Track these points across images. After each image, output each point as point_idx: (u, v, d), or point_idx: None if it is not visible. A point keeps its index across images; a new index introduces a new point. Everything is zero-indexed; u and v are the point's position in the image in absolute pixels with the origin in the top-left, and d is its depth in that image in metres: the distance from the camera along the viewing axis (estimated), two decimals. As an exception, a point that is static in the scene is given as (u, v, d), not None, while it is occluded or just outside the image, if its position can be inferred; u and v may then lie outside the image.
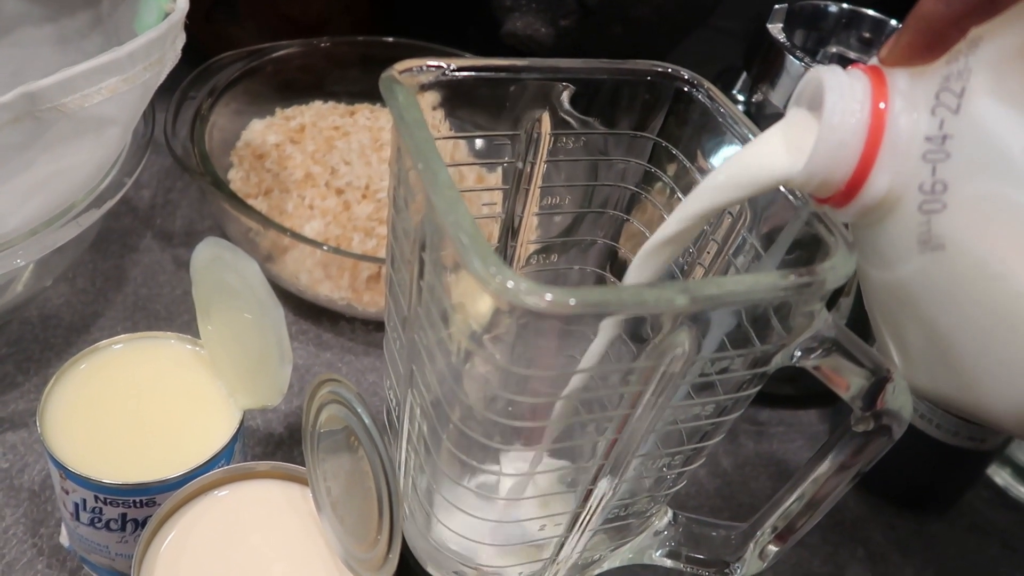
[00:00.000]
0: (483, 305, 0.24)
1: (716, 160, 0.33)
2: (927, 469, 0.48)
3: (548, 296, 0.22)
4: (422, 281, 0.27)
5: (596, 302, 0.23)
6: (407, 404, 0.31)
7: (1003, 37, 0.22)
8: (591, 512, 0.31)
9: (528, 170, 0.34)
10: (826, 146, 0.24)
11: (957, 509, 0.51)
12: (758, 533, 0.33)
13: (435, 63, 0.29)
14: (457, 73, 0.30)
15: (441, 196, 0.25)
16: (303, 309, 0.53)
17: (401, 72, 0.29)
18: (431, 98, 0.30)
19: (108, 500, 0.34)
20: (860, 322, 0.52)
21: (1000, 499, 0.52)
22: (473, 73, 0.31)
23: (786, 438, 0.53)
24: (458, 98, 0.31)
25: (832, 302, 0.50)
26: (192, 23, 0.44)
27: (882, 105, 0.23)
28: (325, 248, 0.48)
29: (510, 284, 0.22)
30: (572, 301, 0.23)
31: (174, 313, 0.51)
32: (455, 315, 0.26)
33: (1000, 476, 0.52)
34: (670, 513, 0.36)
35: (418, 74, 0.29)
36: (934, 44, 0.23)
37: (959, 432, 0.45)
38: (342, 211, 0.53)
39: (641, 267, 0.29)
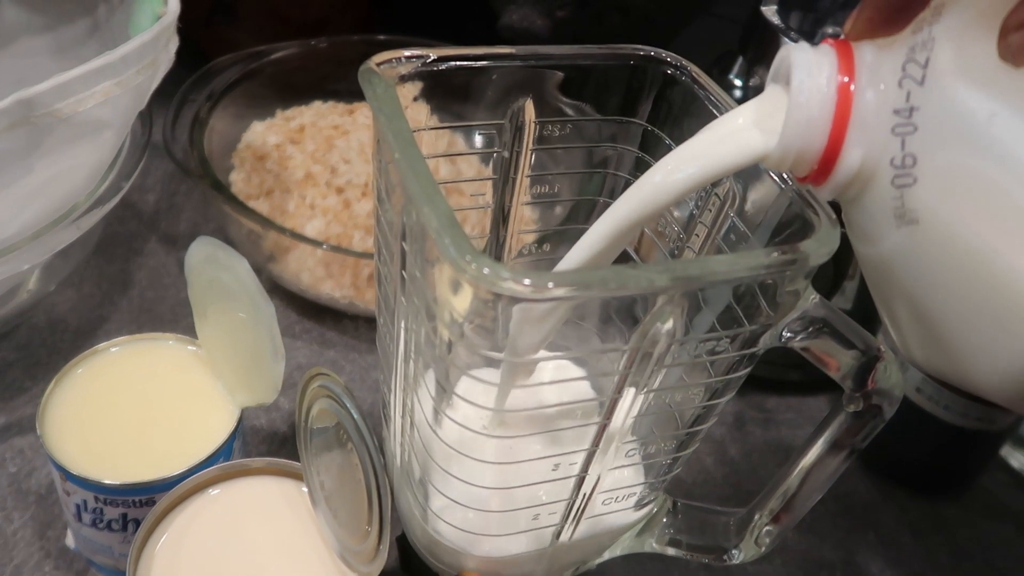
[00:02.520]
0: (463, 294, 0.24)
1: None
2: (937, 451, 0.48)
3: (526, 281, 0.22)
4: (404, 272, 0.27)
5: (576, 284, 0.23)
6: (398, 394, 0.31)
7: (964, 5, 0.22)
8: (585, 500, 0.31)
9: (514, 159, 0.33)
10: (795, 123, 0.24)
11: (971, 492, 0.50)
12: (756, 517, 0.33)
13: (413, 53, 0.29)
14: (438, 63, 0.30)
15: (417, 186, 0.24)
16: (306, 308, 0.54)
17: (379, 64, 0.29)
18: (412, 89, 0.30)
19: (108, 500, 0.34)
20: (865, 306, 0.51)
21: (1015, 481, 0.51)
22: (455, 63, 0.31)
23: (794, 424, 0.52)
24: (442, 88, 0.31)
25: (836, 286, 0.50)
26: (190, 27, 0.44)
27: (846, 79, 0.23)
28: (325, 247, 0.48)
29: (486, 271, 0.22)
30: (551, 284, 0.23)
31: (179, 315, 0.51)
32: (437, 305, 0.26)
33: (1015, 458, 0.51)
34: (670, 501, 0.36)
35: (397, 65, 0.29)
36: (896, 15, 0.23)
37: (968, 413, 0.45)
38: (342, 209, 0.53)
39: (594, 248, 0.28)
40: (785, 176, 0.28)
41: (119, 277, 0.53)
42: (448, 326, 0.26)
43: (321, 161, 0.55)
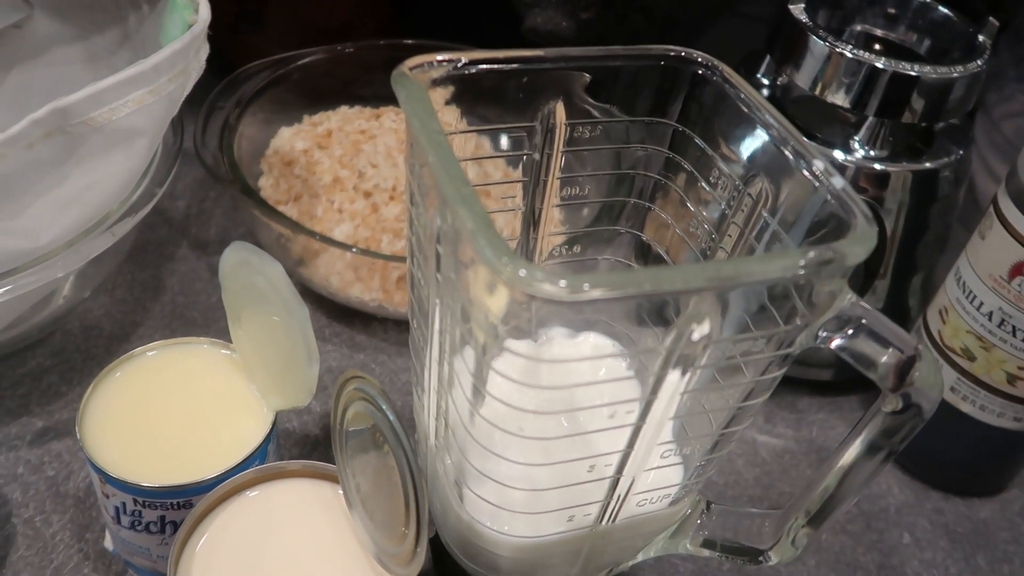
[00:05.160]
0: (498, 296, 0.24)
1: (737, 146, 0.32)
2: (973, 452, 0.47)
3: (562, 282, 0.22)
4: (439, 274, 0.28)
5: (612, 286, 0.23)
6: (432, 396, 0.31)
7: None
8: (620, 501, 0.31)
9: (545, 161, 0.33)
10: None
11: (1008, 493, 0.49)
12: (791, 519, 0.32)
13: (445, 58, 0.29)
14: (469, 67, 0.30)
15: (452, 189, 0.25)
16: (336, 312, 0.54)
17: (412, 68, 0.29)
18: (444, 93, 0.30)
19: (147, 503, 0.35)
20: (897, 305, 0.51)
21: (1053, 481, 0.50)
22: (485, 66, 0.31)
23: (826, 424, 0.52)
24: (472, 92, 0.31)
25: (868, 285, 0.49)
26: (218, 34, 0.44)
27: None
28: (354, 250, 0.49)
29: (522, 272, 0.22)
30: (586, 286, 0.23)
31: (210, 319, 0.52)
32: (471, 308, 0.26)
33: (1052, 458, 0.50)
34: (704, 502, 0.35)
35: (429, 69, 0.29)
36: None
37: (1004, 413, 0.44)
38: (371, 213, 0.53)
39: None
40: (818, 173, 0.28)
41: (151, 283, 0.54)
42: (483, 327, 0.26)
43: (348, 166, 0.55)
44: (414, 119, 0.27)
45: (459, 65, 0.30)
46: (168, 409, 0.37)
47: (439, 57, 0.29)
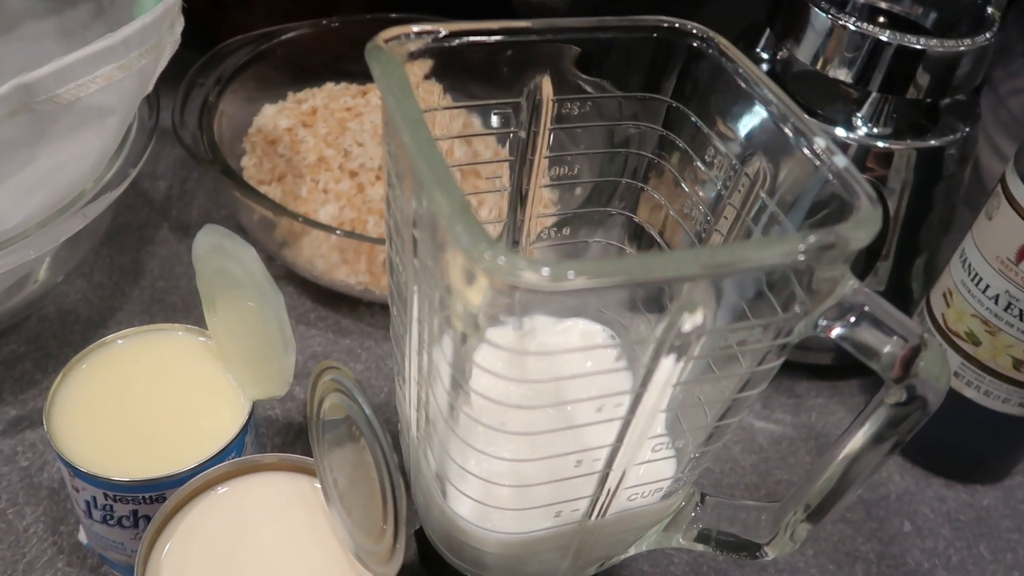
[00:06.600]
0: (477, 285, 0.23)
1: (734, 123, 0.31)
2: (976, 438, 0.46)
3: (545, 271, 0.21)
4: (416, 260, 0.26)
5: (598, 273, 0.22)
6: (413, 387, 0.30)
7: None
8: (610, 496, 0.29)
9: (531, 139, 0.32)
10: None
11: (1012, 480, 0.48)
12: (790, 513, 0.31)
13: (423, 29, 0.27)
14: (450, 39, 0.29)
15: (428, 171, 0.23)
16: (321, 296, 0.52)
17: (387, 41, 0.27)
18: (423, 67, 0.29)
19: (118, 497, 0.33)
20: (900, 287, 0.49)
21: (1057, 468, 0.49)
22: (467, 38, 0.29)
23: (826, 410, 0.50)
24: (454, 66, 0.29)
25: (869, 267, 0.48)
26: (200, 9, 0.43)
27: None
28: (339, 232, 0.47)
29: (501, 260, 0.21)
30: (571, 274, 0.21)
31: (191, 304, 0.50)
32: (450, 296, 0.24)
33: (1057, 444, 0.49)
34: (698, 494, 0.34)
35: (406, 42, 0.27)
36: None
37: (1010, 399, 0.43)
38: (356, 194, 0.51)
39: None
40: (819, 152, 0.27)
41: (130, 266, 0.52)
42: (462, 317, 0.24)
43: (334, 144, 0.54)
44: (389, 96, 0.25)
45: (439, 37, 0.28)
46: (141, 399, 0.36)
47: (416, 28, 0.27)
